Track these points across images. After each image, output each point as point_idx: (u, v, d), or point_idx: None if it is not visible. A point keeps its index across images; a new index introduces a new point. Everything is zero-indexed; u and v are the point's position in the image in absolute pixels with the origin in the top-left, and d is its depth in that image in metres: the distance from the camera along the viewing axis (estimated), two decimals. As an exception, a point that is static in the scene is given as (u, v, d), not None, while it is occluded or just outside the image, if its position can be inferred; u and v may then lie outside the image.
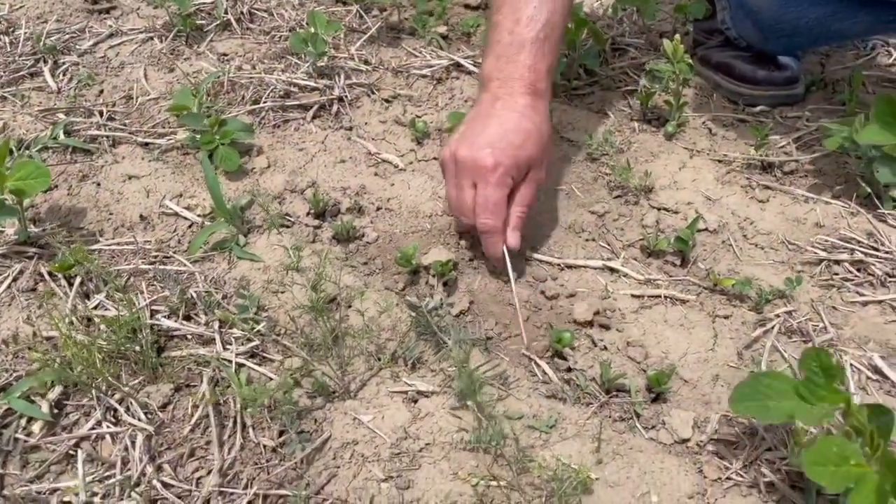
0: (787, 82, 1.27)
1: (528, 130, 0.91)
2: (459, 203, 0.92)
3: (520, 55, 0.94)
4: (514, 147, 0.89)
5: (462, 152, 0.90)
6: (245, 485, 0.73)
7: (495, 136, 0.90)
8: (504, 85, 0.94)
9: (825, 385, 0.66)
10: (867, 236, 1.00)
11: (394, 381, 0.83)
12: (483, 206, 0.89)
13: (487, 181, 0.88)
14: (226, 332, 0.87)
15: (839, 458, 0.62)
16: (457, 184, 0.92)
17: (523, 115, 0.92)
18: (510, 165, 0.89)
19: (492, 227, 0.90)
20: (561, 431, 0.77)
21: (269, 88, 1.29)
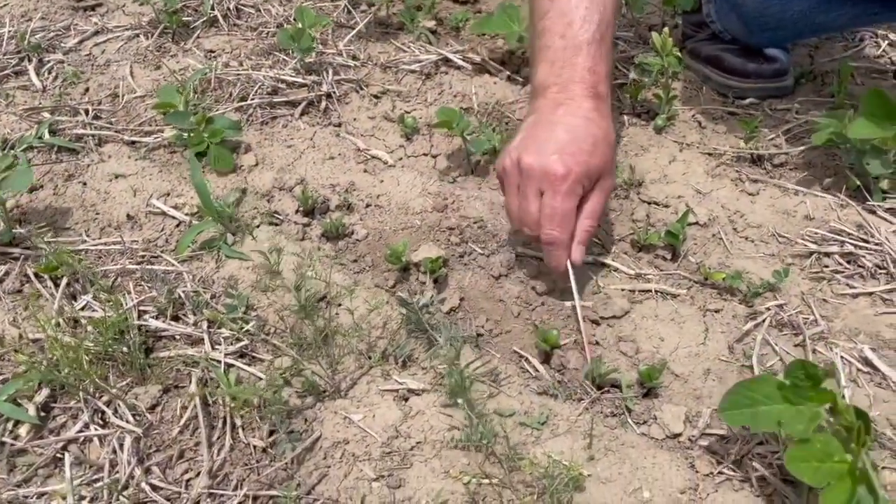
0: (775, 74, 1.27)
1: (596, 136, 0.85)
2: (523, 213, 0.86)
3: (577, 58, 0.88)
4: (585, 154, 0.84)
5: (528, 159, 0.84)
6: (235, 486, 0.72)
7: (564, 143, 0.84)
8: (564, 90, 0.88)
9: (811, 387, 0.66)
10: (857, 228, 1.00)
11: (385, 379, 0.83)
12: (550, 216, 0.83)
13: (557, 190, 0.82)
14: (214, 332, 0.87)
15: (823, 454, 0.62)
16: (522, 192, 0.86)
17: (590, 119, 0.86)
18: (581, 173, 0.83)
19: (558, 240, 0.84)
20: (553, 428, 0.77)
21: (256, 85, 1.27)
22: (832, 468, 0.62)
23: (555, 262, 0.87)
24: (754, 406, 0.67)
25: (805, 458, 0.62)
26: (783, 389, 0.67)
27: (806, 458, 0.62)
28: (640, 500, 0.70)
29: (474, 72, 1.33)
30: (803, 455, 0.62)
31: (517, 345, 0.88)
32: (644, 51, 1.33)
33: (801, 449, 0.63)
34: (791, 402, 0.66)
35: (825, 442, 0.63)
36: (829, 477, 0.61)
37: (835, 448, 0.63)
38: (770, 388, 0.67)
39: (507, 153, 0.88)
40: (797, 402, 0.66)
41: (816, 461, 0.62)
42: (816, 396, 0.66)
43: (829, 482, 0.61)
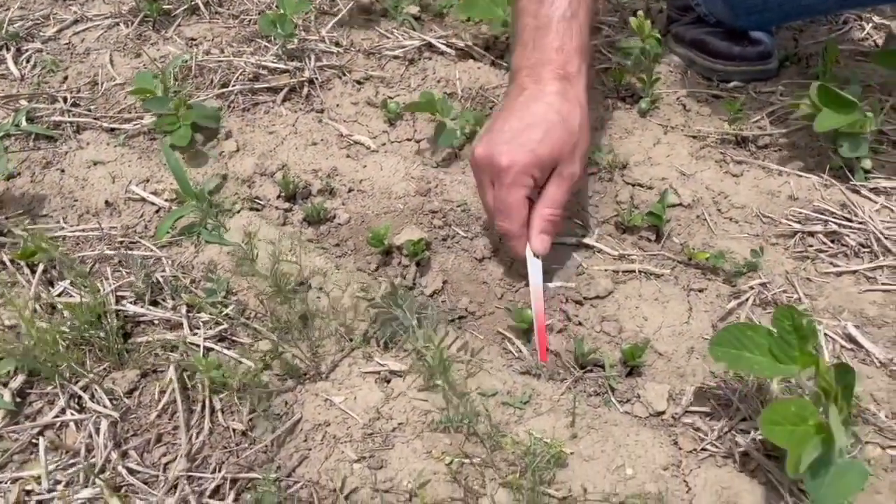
0: (760, 57, 1.27)
1: (551, 122, 0.83)
2: (484, 204, 0.88)
3: (546, 38, 0.87)
4: (533, 143, 0.82)
5: (479, 151, 0.85)
6: (213, 469, 0.71)
7: (514, 132, 0.83)
8: (532, 73, 0.87)
9: (798, 346, 0.66)
10: (841, 207, 1.00)
11: (366, 361, 0.82)
12: (499, 208, 0.84)
13: (502, 182, 0.82)
14: (194, 316, 0.86)
15: (797, 417, 0.62)
16: (479, 184, 0.87)
17: (549, 104, 0.84)
18: (527, 163, 0.81)
19: (507, 231, 0.85)
20: (535, 407, 0.76)
21: (237, 72, 1.26)
22: (805, 431, 0.61)
23: (512, 252, 0.87)
24: (740, 350, 0.67)
25: (779, 420, 0.62)
26: (771, 343, 0.66)
27: (780, 421, 0.62)
28: (623, 477, 0.70)
29: (458, 57, 1.32)
30: (777, 418, 0.62)
31: (500, 326, 0.88)
32: (628, 35, 1.32)
33: (775, 412, 0.62)
34: (775, 357, 0.66)
35: (800, 406, 0.62)
36: (800, 440, 0.61)
37: (809, 412, 0.62)
38: (760, 338, 0.67)
39: (474, 144, 0.88)
40: (781, 360, 0.66)
41: (791, 424, 0.62)
42: (800, 358, 0.66)
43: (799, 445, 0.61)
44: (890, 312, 0.87)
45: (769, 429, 0.63)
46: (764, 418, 0.63)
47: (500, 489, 0.70)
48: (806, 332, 0.65)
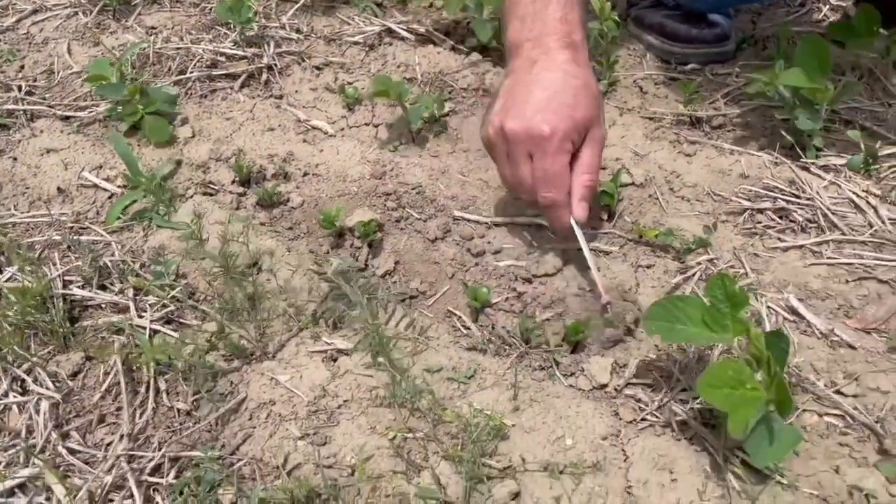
0: (717, 39, 1.28)
1: (576, 87, 0.81)
2: (517, 180, 0.83)
3: (547, 9, 0.85)
4: (568, 108, 0.80)
5: (511, 124, 0.81)
6: (156, 448, 0.71)
7: (544, 101, 0.80)
8: (537, 45, 0.84)
9: (730, 314, 0.67)
10: (789, 184, 1.01)
11: (314, 341, 0.82)
12: (543, 179, 0.81)
13: (545, 151, 0.79)
14: (141, 299, 0.85)
15: (735, 381, 0.63)
16: (511, 159, 0.83)
17: (567, 72, 0.82)
18: (568, 129, 0.80)
19: (555, 201, 0.81)
20: (479, 382, 0.77)
21: (195, 59, 1.25)
22: (744, 394, 0.62)
23: (557, 223, 0.84)
24: (674, 322, 0.68)
25: (717, 384, 0.63)
26: (704, 313, 0.67)
27: (718, 385, 0.63)
28: (563, 448, 0.70)
29: (418, 42, 1.32)
30: (715, 381, 0.63)
31: (451, 304, 0.88)
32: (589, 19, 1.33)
33: (713, 376, 0.63)
34: (709, 327, 0.67)
35: (738, 369, 0.63)
36: (739, 403, 0.62)
37: (746, 375, 0.63)
38: (694, 310, 0.68)
39: (490, 122, 0.84)
40: (714, 329, 0.66)
41: (728, 387, 0.62)
42: (732, 327, 0.67)
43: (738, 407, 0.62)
44: (833, 285, 0.88)
45: (708, 392, 0.64)
46: (702, 382, 0.64)
47: (443, 462, 0.70)
48: (738, 299, 0.66)
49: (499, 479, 0.68)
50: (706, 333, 0.67)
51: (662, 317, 0.68)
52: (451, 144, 1.12)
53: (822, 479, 0.69)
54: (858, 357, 0.80)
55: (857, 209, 0.98)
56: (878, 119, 1.14)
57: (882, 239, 0.93)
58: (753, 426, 0.63)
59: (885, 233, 0.94)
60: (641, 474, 0.68)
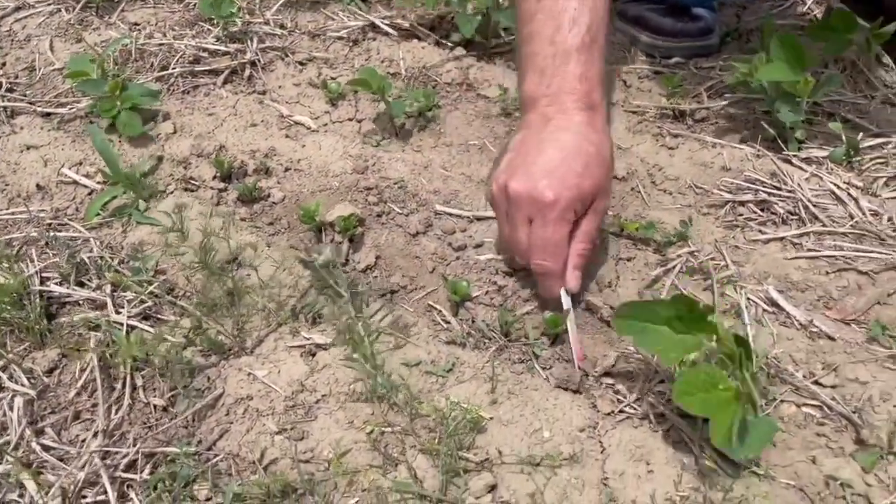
0: (701, 33, 1.28)
1: (589, 154, 0.78)
2: (513, 241, 0.80)
3: (567, 66, 0.81)
4: (575, 176, 0.77)
5: (515, 185, 0.77)
6: (130, 444, 0.71)
7: (553, 165, 0.77)
8: (554, 102, 0.81)
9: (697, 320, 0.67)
10: (771, 177, 1.01)
11: (292, 336, 0.82)
12: (541, 246, 0.77)
13: (546, 218, 0.76)
14: (118, 295, 0.85)
15: (707, 384, 0.62)
16: (510, 219, 0.80)
17: (581, 135, 0.79)
18: (572, 198, 0.76)
19: (549, 270, 0.78)
20: (458, 375, 0.77)
21: (178, 55, 1.25)
22: (718, 396, 0.62)
23: (547, 292, 0.81)
24: (644, 323, 0.67)
25: (690, 390, 0.63)
26: (673, 314, 0.67)
27: (691, 391, 0.62)
28: (540, 440, 0.70)
29: (402, 37, 1.31)
30: (688, 388, 0.63)
31: (431, 299, 0.88)
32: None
33: (686, 382, 0.63)
34: (676, 329, 0.67)
35: (710, 372, 0.63)
36: (715, 405, 0.62)
37: (719, 377, 0.63)
38: (664, 312, 0.67)
39: (495, 178, 0.81)
40: (681, 331, 0.66)
41: (702, 392, 0.62)
42: (700, 328, 0.67)
43: (715, 411, 0.61)
44: (813, 277, 0.88)
45: (683, 399, 0.64)
46: (678, 390, 0.64)
47: (420, 455, 0.70)
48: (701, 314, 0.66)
49: (476, 472, 0.68)
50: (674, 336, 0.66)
51: (634, 317, 0.68)
52: (434, 139, 1.12)
53: (799, 470, 0.69)
54: (837, 348, 0.80)
55: (838, 201, 0.98)
56: (861, 111, 1.14)
57: (862, 230, 0.93)
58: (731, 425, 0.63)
59: (866, 224, 0.94)
60: (618, 466, 0.68)
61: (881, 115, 1.13)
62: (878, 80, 1.19)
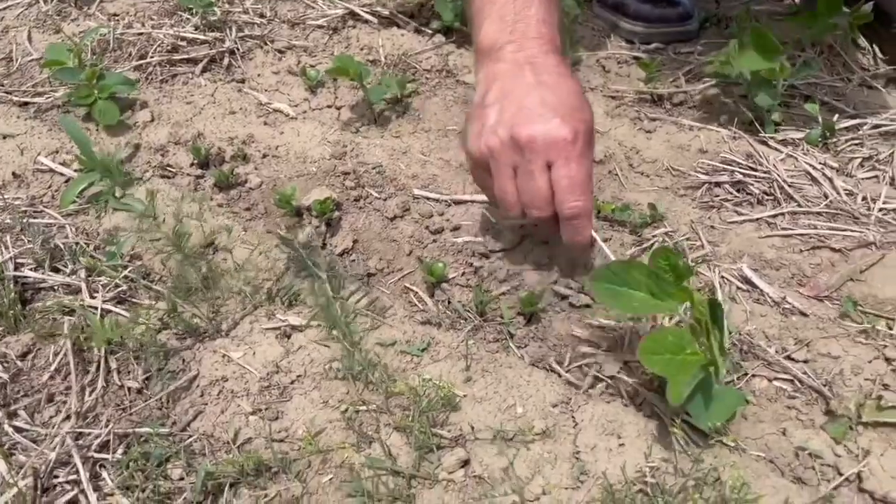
0: (680, 19, 1.29)
1: (577, 92, 0.76)
2: (530, 194, 0.75)
3: (529, 10, 0.79)
4: (580, 111, 0.75)
5: (525, 131, 0.73)
6: (104, 425, 0.71)
7: (555, 104, 0.74)
8: (521, 48, 0.78)
9: (674, 283, 0.67)
10: (747, 158, 1.02)
11: (268, 318, 0.82)
12: (570, 187, 0.73)
13: (570, 156, 0.72)
14: (93, 280, 0.85)
15: (675, 346, 0.63)
16: (524, 171, 0.74)
17: (563, 75, 0.77)
18: (588, 132, 0.74)
19: (584, 209, 0.74)
20: (433, 354, 0.77)
21: (156, 44, 1.24)
22: (684, 360, 0.63)
23: (581, 236, 0.77)
24: (620, 286, 0.68)
25: (657, 350, 0.63)
26: (650, 279, 0.67)
27: (658, 351, 0.63)
28: (513, 416, 0.71)
29: (382, 25, 1.31)
30: (655, 347, 0.63)
31: (408, 281, 0.88)
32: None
33: (653, 342, 0.63)
34: (653, 293, 0.67)
35: (678, 335, 0.64)
36: (677, 367, 0.62)
37: (687, 341, 0.64)
38: (640, 275, 0.67)
39: (489, 133, 0.76)
40: (658, 297, 0.67)
41: (669, 353, 0.63)
42: (676, 294, 0.67)
43: (676, 372, 0.62)
44: (787, 255, 0.89)
45: (648, 358, 0.64)
46: (643, 348, 0.64)
47: (394, 433, 0.70)
48: (682, 270, 0.67)
49: (449, 447, 0.68)
50: (651, 300, 0.67)
51: (610, 279, 0.68)
52: (412, 125, 1.12)
53: (770, 441, 0.69)
54: (810, 324, 0.80)
55: (813, 181, 0.99)
56: (838, 94, 1.15)
57: (836, 209, 0.94)
58: (695, 390, 0.63)
59: (840, 203, 0.95)
60: (590, 440, 0.68)
61: (858, 97, 1.14)
62: (856, 63, 1.20)
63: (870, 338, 0.78)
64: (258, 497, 0.66)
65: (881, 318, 0.81)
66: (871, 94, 1.15)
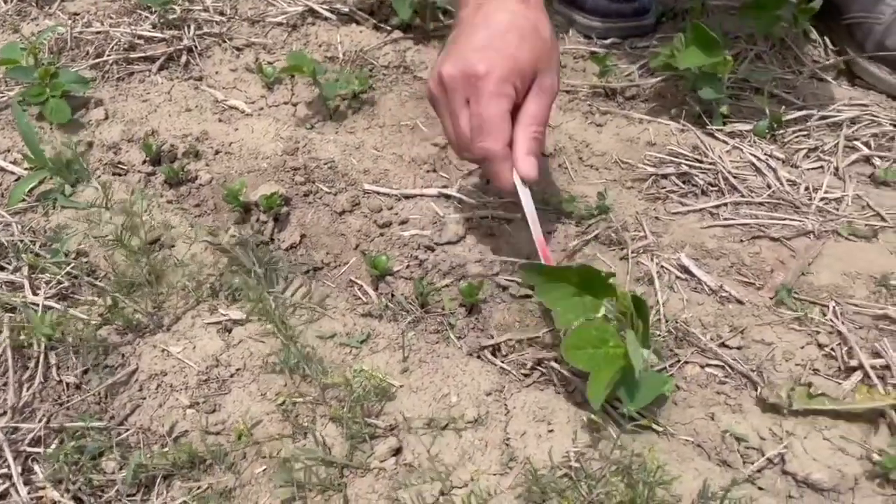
0: (636, 14, 1.30)
1: (523, 28, 0.73)
2: (456, 133, 0.73)
3: None
4: (511, 47, 0.71)
5: (447, 69, 0.72)
6: (40, 419, 0.71)
7: (484, 42, 0.72)
8: None
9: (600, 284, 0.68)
10: (693, 150, 1.03)
11: (210, 313, 0.82)
12: (478, 126, 0.71)
13: (480, 93, 0.70)
14: (36, 277, 0.85)
15: (598, 340, 0.64)
16: (449, 110, 0.73)
17: (514, 13, 0.74)
18: (508, 70, 0.70)
19: (491, 152, 0.71)
20: (372, 346, 0.78)
21: (113, 42, 1.24)
22: (606, 353, 0.64)
23: (497, 179, 0.74)
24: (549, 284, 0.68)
25: (580, 345, 0.64)
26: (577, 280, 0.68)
27: (581, 346, 0.64)
28: (448, 405, 0.71)
29: (341, 22, 1.32)
30: (578, 343, 0.64)
31: (353, 274, 0.89)
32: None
33: (576, 337, 0.64)
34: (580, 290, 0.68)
35: (601, 329, 0.65)
36: (601, 361, 0.63)
37: (609, 334, 0.65)
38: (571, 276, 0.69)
39: (429, 77, 0.77)
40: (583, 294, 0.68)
41: (591, 347, 0.64)
42: (602, 291, 0.68)
43: (601, 366, 0.63)
44: (728, 244, 0.90)
45: (571, 354, 0.65)
46: (566, 344, 0.65)
47: (330, 423, 0.71)
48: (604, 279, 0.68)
49: (383, 437, 0.69)
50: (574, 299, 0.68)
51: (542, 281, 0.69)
52: (367, 121, 1.13)
53: (698, 426, 0.70)
54: (746, 311, 0.82)
55: (757, 172, 1.00)
56: (789, 86, 1.16)
57: (778, 199, 0.96)
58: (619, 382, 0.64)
59: (783, 193, 0.96)
60: (520, 426, 0.69)
61: (808, 89, 1.16)
62: (806, 56, 1.22)
63: (803, 325, 0.80)
64: (191, 488, 0.66)
65: (816, 305, 0.82)
66: (821, 86, 1.17)
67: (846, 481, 0.65)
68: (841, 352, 0.76)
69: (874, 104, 1.11)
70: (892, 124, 1.07)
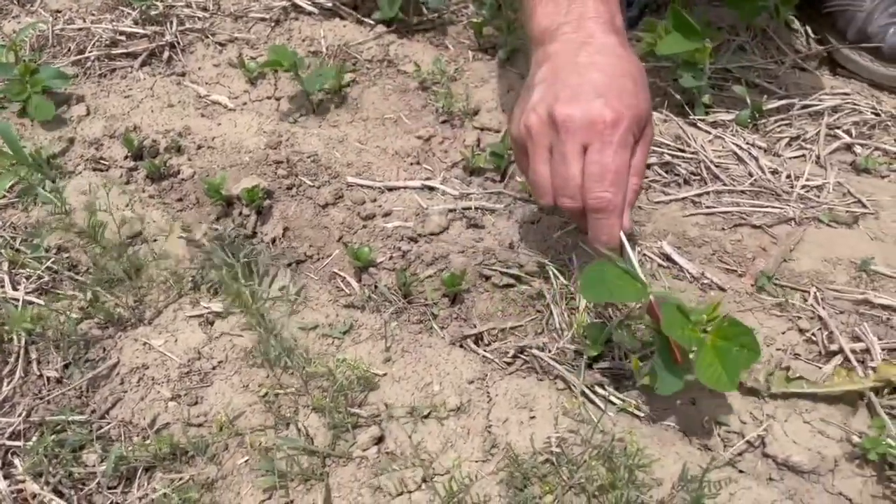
0: (619, 6, 1.30)
1: (634, 75, 0.71)
2: (563, 179, 0.69)
3: None
4: (630, 95, 0.68)
5: (565, 109, 0.67)
6: (20, 413, 0.71)
7: (602, 85, 0.68)
8: (578, 28, 0.73)
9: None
10: (675, 139, 1.04)
11: (192, 306, 0.82)
12: (600, 175, 0.67)
13: (607, 141, 0.67)
14: (17, 272, 0.84)
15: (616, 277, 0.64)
16: (558, 153, 0.69)
17: (621, 56, 0.71)
18: (633, 118, 0.68)
19: (611, 204, 0.67)
20: (354, 337, 0.78)
21: (95, 38, 1.24)
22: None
23: (605, 233, 0.69)
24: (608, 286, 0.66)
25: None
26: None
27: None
28: (431, 394, 0.71)
29: (324, 17, 1.31)
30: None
31: (336, 266, 0.89)
32: None
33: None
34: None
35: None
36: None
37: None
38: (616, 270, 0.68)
39: (530, 111, 0.71)
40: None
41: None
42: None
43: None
44: (709, 232, 0.91)
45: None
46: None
47: (312, 414, 0.71)
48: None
49: (365, 426, 0.69)
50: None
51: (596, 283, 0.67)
52: (351, 114, 1.13)
53: (679, 410, 0.71)
54: (727, 298, 0.82)
55: (739, 161, 1.01)
56: (771, 76, 1.17)
57: (760, 187, 0.96)
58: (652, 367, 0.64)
59: (764, 181, 0.97)
60: (502, 414, 0.69)
61: (790, 78, 1.16)
62: (789, 46, 1.22)
63: (784, 310, 0.80)
64: (172, 480, 0.66)
65: (797, 291, 0.83)
66: (803, 75, 1.17)
67: (826, 463, 0.66)
68: (821, 336, 0.77)
69: (855, 93, 1.12)
70: (873, 113, 1.08)
